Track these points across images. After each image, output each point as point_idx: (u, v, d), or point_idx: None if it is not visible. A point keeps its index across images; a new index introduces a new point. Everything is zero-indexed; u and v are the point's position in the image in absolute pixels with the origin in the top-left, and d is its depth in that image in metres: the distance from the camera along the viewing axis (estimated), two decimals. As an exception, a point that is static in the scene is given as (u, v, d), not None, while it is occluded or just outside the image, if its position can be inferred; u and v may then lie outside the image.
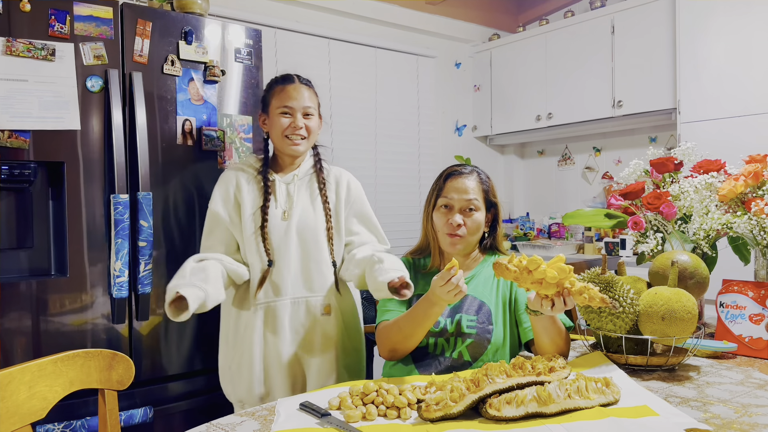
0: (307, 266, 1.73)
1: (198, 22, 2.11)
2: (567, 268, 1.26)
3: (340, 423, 1.07)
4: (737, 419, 1.06)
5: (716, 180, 1.63)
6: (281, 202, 1.73)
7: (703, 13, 2.97)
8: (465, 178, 1.59)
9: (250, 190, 1.73)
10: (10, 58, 1.75)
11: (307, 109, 1.73)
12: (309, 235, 1.73)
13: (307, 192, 1.77)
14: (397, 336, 1.50)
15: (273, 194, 1.73)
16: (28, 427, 1.07)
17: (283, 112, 1.71)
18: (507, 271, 1.26)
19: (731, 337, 1.53)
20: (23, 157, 1.78)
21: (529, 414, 1.07)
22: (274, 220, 1.71)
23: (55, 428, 1.77)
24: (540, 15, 4.23)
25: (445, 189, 1.59)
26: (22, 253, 1.86)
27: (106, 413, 1.18)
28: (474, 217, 1.57)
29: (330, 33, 3.51)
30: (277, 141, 1.74)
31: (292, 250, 1.71)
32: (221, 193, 1.73)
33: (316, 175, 1.80)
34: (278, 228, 1.70)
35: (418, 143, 3.96)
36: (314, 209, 1.76)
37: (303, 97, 1.72)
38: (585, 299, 1.27)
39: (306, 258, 1.73)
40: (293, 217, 1.72)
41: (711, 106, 2.94)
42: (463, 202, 1.56)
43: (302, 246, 1.72)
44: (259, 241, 1.69)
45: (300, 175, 1.77)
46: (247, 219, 1.70)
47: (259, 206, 1.71)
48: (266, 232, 1.69)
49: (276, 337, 1.70)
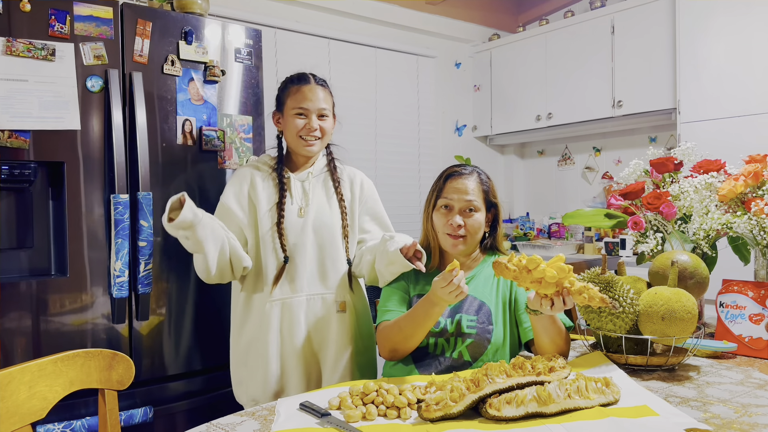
0: (323, 263, 1.74)
1: (198, 22, 2.11)
2: (566, 267, 1.26)
3: (340, 423, 1.07)
4: (737, 419, 1.06)
5: (716, 180, 1.63)
6: (297, 199, 1.74)
7: (703, 13, 2.97)
8: (465, 179, 1.59)
9: (265, 187, 1.74)
10: (10, 58, 1.75)
11: (322, 110, 1.74)
12: (325, 233, 1.74)
13: (323, 190, 1.79)
14: (397, 336, 1.50)
15: (288, 191, 1.74)
16: (28, 427, 1.07)
17: (298, 114, 1.72)
18: (506, 270, 1.26)
19: (731, 337, 1.53)
20: (23, 157, 1.78)
21: (529, 414, 1.07)
22: (290, 216, 1.72)
23: (55, 428, 1.77)
24: (540, 15, 4.23)
25: (445, 189, 1.59)
26: (22, 253, 1.86)
27: (106, 413, 1.18)
28: (474, 217, 1.57)
29: (330, 33, 3.51)
30: (291, 141, 1.75)
31: (308, 247, 1.72)
32: (234, 189, 1.74)
33: (330, 174, 1.82)
34: (294, 225, 1.71)
35: (418, 143, 3.96)
36: (330, 207, 1.77)
37: (318, 98, 1.74)
38: (584, 299, 1.27)
39: (322, 255, 1.74)
40: (309, 214, 1.74)
41: (711, 106, 2.94)
42: (463, 202, 1.56)
43: (318, 243, 1.74)
44: (275, 238, 1.70)
45: (315, 173, 1.80)
46: (263, 215, 1.71)
47: (275, 203, 1.72)
48: (283, 228, 1.70)
49: (292, 334, 1.70)
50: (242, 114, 2.20)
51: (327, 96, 1.77)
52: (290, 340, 1.70)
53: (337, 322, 1.73)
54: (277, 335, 1.70)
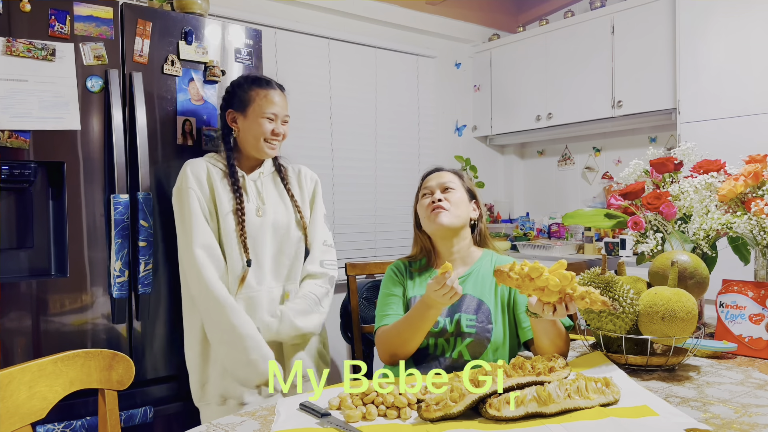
0: (281, 260, 1.84)
1: (198, 22, 2.11)
2: (569, 275, 1.25)
3: (340, 423, 1.07)
4: (737, 419, 1.06)
5: (716, 180, 1.63)
6: (253, 199, 1.82)
7: (703, 14, 2.97)
8: (440, 172, 1.69)
9: (223, 185, 1.80)
10: (10, 58, 1.75)
11: (286, 116, 1.85)
12: (283, 231, 1.84)
13: (274, 189, 1.88)
14: (396, 340, 1.51)
15: (245, 193, 1.81)
16: (28, 427, 1.07)
17: (268, 118, 1.79)
18: (508, 279, 1.27)
19: (731, 337, 1.53)
20: (23, 157, 1.78)
21: (529, 414, 1.07)
22: (249, 217, 1.79)
23: (55, 428, 1.77)
24: (540, 15, 4.23)
25: (422, 186, 1.68)
26: (22, 253, 1.86)
27: (106, 413, 1.18)
28: (453, 193, 1.61)
29: (330, 33, 3.51)
30: (252, 143, 1.81)
31: (267, 245, 1.81)
32: (195, 177, 1.77)
33: (277, 172, 1.91)
34: (253, 225, 1.79)
35: (418, 143, 3.96)
36: (284, 204, 1.87)
37: (284, 104, 1.84)
38: (586, 303, 1.26)
39: (280, 253, 1.84)
40: (267, 214, 1.82)
41: (711, 106, 2.94)
42: (440, 185, 1.62)
43: (277, 241, 1.83)
44: (239, 241, 1.77)
45: (265, 173, 1.88)
46: (225, 216, 1.76)
47: (235, 205, 1.77)
48: (245, 233, 1.77)
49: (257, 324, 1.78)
50: (242, 114, 2.20)
51: (287, 103, 1.87)
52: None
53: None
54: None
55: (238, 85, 1.86)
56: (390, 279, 1.65)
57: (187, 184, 1.76)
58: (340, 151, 3.49)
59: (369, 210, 3.62)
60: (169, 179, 2.03)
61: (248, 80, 1.85)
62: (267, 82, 1.84)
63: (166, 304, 2.03)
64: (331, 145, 3.47)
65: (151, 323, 2.00)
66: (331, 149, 3.45)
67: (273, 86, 1.84)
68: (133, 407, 1.93)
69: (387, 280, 1.65)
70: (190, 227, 1.73)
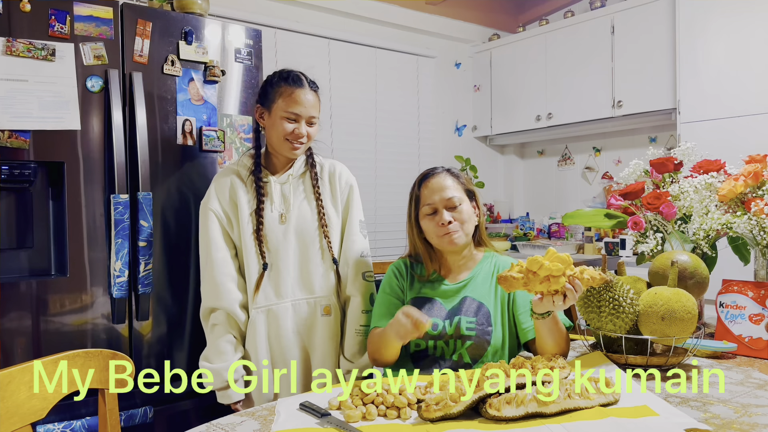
0: (307, 268, 1.73)
1: (198, 23, 2.11)
2: (565, 256, 1.29)
3: (340, 423, 1.08)
4: (737, 419, 1.06)
5: (716, 180, 1.63)
6: (277, 204, 1.72)
7: (702, 14, 2.97)
8: (437, 177, 1.60)
9: (245, 191, 1.72)
10: (10, 58, 1.75)
11: (312, 118, 1.71)
12: (308, 238, 1.72)
13: (303, 191, 1.76)
14: (374, 347, 1.55)
15: (267, 196, 1.72)
16: (28, 427, 1.07)
17: (288, 118, 1.68)
18: (514, 281, 1.27)
19: (731, 337, 1.53)
20: (23, 157, 1.78)
21: (529, 414, 1.07)
22: (271, 223, 1.70)
23: (55, 428, 1.77)
24: (540, 15, 4.23)
25: (422, 195, 1.60)
26: (22, 253, 1.86)
27: (106, 413, 1.18)
28: (460, 209, 1.57)
29: (330, 33, 3.51)
30: (276, 141, 1.71)
31: (290, 253, 1.71)
32: (218, 195, 1.72)
33: (309, 171, 1.79)
34: (275, 231, 1.70)
35: (418, 143, 3.96)
36: (311, 209, 1.75)
37: (310, 104, 1.70)
38: (588, 280, 1.30)
39: (305, 260, 1.73)
40: (291, 221, 1.71)
41: (711, 106, 2.94)
42: (445, 201, 1.56)
43: (301, 248, 1.72)
44: (256, 244, 1.69)
45: (295, 175, 1.76)
46: (245, 220, 1.69)
47: (254, 206, 1.70)
48: (262, 235, 1.69)
49: (280, 340, 1.70)
50: (242, 114, 2.20)
51: (317, 102, 1.73)
52: (278, 346, 1.70)
53: (322, 325, 1.73)
54: (264, 342, 1.69)
55: (268, 80, 1.75)
56: (390, 280, 1.65)
57: (207, 205, 1.72)
58: (340, 151, 3.49)
59: (369, 210, 3.61)
60: (169, 179, 2.03)
61: (278, 76, 1.74)
62: (296, 80, 1.70)
63: (166, 304, 2.03)
64: (331, 145, 3.47)
65: (151, 323, 2.00)
66: (331, 149, 3.45)
67: (302, 84, 1.70)
68: (133, 407, 1.93)
69: (387, 280, 1.65)
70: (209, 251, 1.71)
